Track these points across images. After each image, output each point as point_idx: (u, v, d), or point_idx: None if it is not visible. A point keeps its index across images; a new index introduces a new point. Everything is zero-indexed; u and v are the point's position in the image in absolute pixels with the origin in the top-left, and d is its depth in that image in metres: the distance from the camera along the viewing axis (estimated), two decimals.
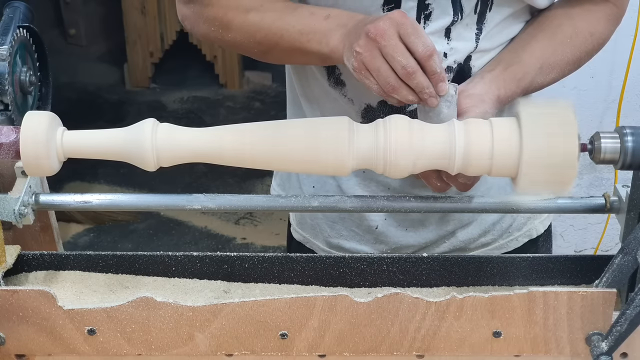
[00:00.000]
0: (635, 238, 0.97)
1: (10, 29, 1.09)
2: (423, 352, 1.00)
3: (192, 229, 3.41)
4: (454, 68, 1.21)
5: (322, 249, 1.42)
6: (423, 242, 1.35)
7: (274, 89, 4.49)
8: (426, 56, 1.05)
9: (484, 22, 1.20)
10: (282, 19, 1.18)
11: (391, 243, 1.35)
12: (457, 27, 1.19)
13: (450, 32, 1.19)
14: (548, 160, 0.93)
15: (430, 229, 1.34)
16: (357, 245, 1.38)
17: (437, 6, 1.17)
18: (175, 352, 0.99)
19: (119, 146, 0.96)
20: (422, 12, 1.18)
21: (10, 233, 1.09)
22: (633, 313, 0.93)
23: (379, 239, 1.36)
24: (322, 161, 0.96)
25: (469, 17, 1.20)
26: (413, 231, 1.34)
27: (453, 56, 1.21)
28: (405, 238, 1.35)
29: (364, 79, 1.08)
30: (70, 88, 4.34)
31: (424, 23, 1.18)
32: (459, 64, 1.21)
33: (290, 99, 1.40)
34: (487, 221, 1.35)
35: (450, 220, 1.34)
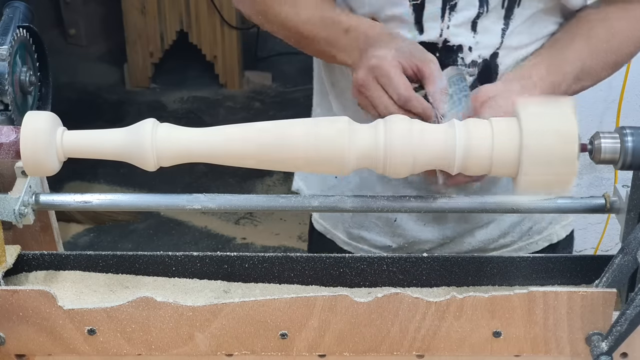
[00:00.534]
0: (635, 238, 0.97)
1: (10, 29, 1.09)
2: (423, 352, 1.00)
3: (192, 229, 3.41)
4: (479, 63, 1.22)
5: (343, 240, 1.44)
6: (441, 238, 1.36)
7: (274, 89, 4.49)
8: (403, 103, 1.10)
9: (511, 17, 1.20)
10: (311, 21, 1.22)
11: (409, 237, 1.36)
12: (483, 20, 1.20)
13: (476, 25, 1.20)
14: (548, 160, 0.93)
15: (449, 226, 1.35)
16: (377, 236, 1.39)
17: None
18: (175, 352, 0.99)
19: (119, 146, 0.96)
20: (448, 3, 1.19)
21: (10, 233, 1.09)
22: (633, 313, 0.93)
23: (397, 232, 1.37)
24: (322, 161, 0.96)
25: (495, 10, 1.20)
26: (431, 226, 1.35)
27: (478, 50, 1.21)
28: (423, 233, 1.36)
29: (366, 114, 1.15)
30: (70, 88, 4.34)
31: (449, 14, 1.19)
32: (484, 59, 1.22)
33: (317, 89, 1.42)
34: (507, 222, 1.36)
35: (469, 218, 1.34)
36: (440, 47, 1.22)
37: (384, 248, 1.40)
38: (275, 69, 4.62)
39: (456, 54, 1.22)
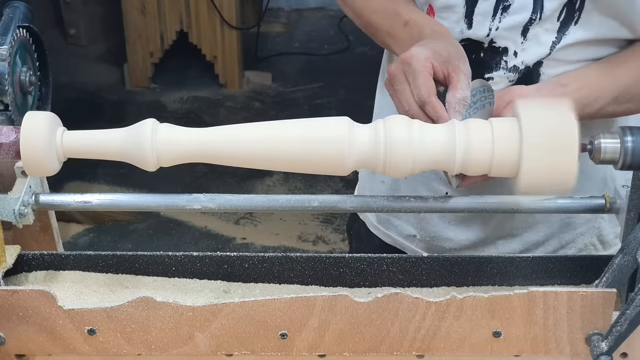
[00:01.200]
0: (635, 238, 0.97)
1: (10, 29, 1.09)
2: (423, 352, 1.00)
3: (192, 229, 3.41)
4: (521, 69, 1.21)
5: (372, 223, 1.49)
6: (463, 240, 1.37)
7: (274, 89, 4.49)
8: (420, 105, 1.09)
9: (565, 32, 1.19)
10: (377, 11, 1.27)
11: (432, 231, 1.38)
12: (535, 28, 1.19)
13: (527, 31, 1.19)
14: (548, 160, 0.93)
15: (473, 229, 1.35)
16: (405, 224, 1.42)
17: (517, 0, 1.18)
18: (175, 352, 0.99)
19: (119, 146, 0.96)
20: (502, 2, 1.19)
21: (10, 233, 1.09)
22: (633, 313, 0.93)
23: (421, 224, 1.39)
24: (322, 161, 0.96)
25: (549, 21, 1.18)
26: (454, 225, 1.36)
27: (522, 57, 1.21)
28: (445, 230, 1.37)
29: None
30: (70, 88, 4.34)
31: (501, 14, 1.19)
32: (527, 66, 1.21)
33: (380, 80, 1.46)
34: (531, 239, 1.35)
35: (493, 227, 1.35)
36: (486, 47, 1.22)
37: (409, 237, 1.43)
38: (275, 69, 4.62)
39: (501, 56, 1.22)
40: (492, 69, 1.23)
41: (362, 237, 1.53)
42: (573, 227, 1.36)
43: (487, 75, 1.23)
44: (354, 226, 1.57)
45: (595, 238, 1.38)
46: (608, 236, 1.39)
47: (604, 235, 1.38)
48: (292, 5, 5.40)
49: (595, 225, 1.37)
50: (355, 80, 4.50)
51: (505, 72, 1.22)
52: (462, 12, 1.22)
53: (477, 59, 1.22)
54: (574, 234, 1.36)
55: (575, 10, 1.17)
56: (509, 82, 1.23)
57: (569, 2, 1.17)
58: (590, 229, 1.37)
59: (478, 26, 1.22)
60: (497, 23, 1.20)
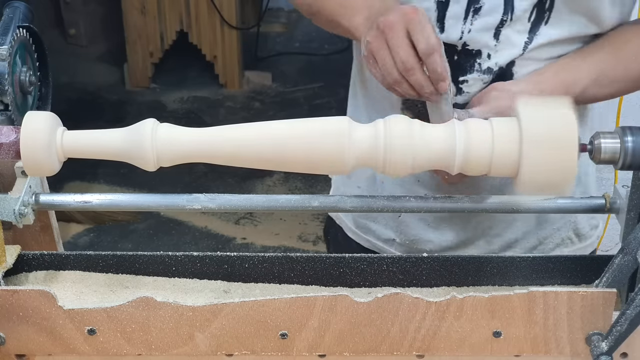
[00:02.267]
0: (635, 238, 0.97)
1: (10, 29, 1.09)
2: (423, 352, 1.00)
3: (192, 229, 3.41)
4: (495, 71, 1.21)
5: (350, 228, 1.46)
6: (443, 241, 1.36)
7: (274, 89, 4.49)
8: (426, 54, 1.06)
9: (536, 32, 1.19)
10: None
11: (411, 234, 1.37)
12: (507, 29, 1.19)
13: (499, 33, 1.19)
14: (548, 160, 0.93)
15: (453, 231, 1.35)
16: (383, 229, 1.40)
17: (488, 2, 1.18)
18: (175, 352, 0.99)
19: (119, 146, 0.96)
20: (473, 5, 1.19)
21: (10, 233, 1.09)
22: (633, 313, 0.93)
23: (401, 227, 1.38)
24: (322, 161, 0.96)
25: (520, 22, 1.19)
26: (434, 227, 1.35)
27: (496, 58, 1.21)
28: (425, 233, 1.36)
29: (371, 67, 1.11)
30: (70, 88, 4.34)
31: (472, 17, 1.19)
32: (500, 67, 1.21)
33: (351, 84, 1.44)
34: (510, 237, 1.35)
35: (473, 227, 1.35)
36: (459, 50, 1.22)
37: (388, 241, 1.41)
38: (275, 69, 4.62)
39: (474, 58, 1.22)
40: (467, 72, 1.23)
41: (340, 242, 1.50)
42: (550, 222, 1.36)
43: (462, 77, 1.23)
44: (331, 231, 1.55)
45: (571, 232, 1.38)
46: (584, 229, 1.40)
47: (579, 228, 1.39)
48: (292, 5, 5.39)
49: (571, 219, 1.38)
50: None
51: (479, 74, 1.23)
52: (434, 16, 1.21)
53: (451, 62, 1.20)
54: (551, 229, 1.37)
55: (545, 10, 1.18)
56: (483, 83, 1.23)
57: (539, 3, 1.18)
58: (567, 224, 1.37)
59: (450, 29, 1.21)
60: (469, 26, 1.21)
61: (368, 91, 1.36)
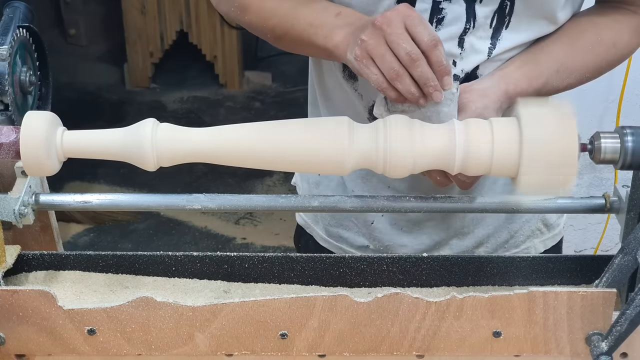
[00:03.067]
0: (635, 238, 0.97)
1: (10, 29, 1.09)
2: (423, 352, 1.00)
3: (192, 229, 3.41)
4: (461, 77, 1.21)
5: (321, 236, 1.44)
6: (417, 245, 1.35)
7: (274, 89, 4.49)
8: (431, 45, 1.04)
9: (498, 37, 1.19)
10: (297, 9, 1.19)
11: (385, 240, 1.36)
12: (470, 37, 1.19)
13: (463, 41, 1.19)
14: (548, 160, 0.93)
15: (425, 233, 1.34)
16: (355, 236, 1.39)
17: (450, 12, 1.17)
18: (175, 352, 0.99)
19: (119, 146, 0.96)
20: (436, 15, 1.18)
21: (10, 233, 1.09)
22: (633, 313, 0.93)
23: (374, 234, 1.36)
24: (322, 161, 0.96)
25: (482, 29, 1.19)
26: (407, 232, 1.34)
27: (461, 65, 1.20)
28: (399, 238, 1.35)
29: (364, 67, 1.07)
30: (70, 88, 4.34)
31: (436, 28, 1.18)
32: (466, 73, 1.21)
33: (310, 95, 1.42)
34: (481, 233, 1.35)
35: (446, 228, 1.34)
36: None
37: (361, 248, 1.40)
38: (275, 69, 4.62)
39: None
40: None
41: (312, 251, 1.48)
42: (519, 215, 1.36)
43: None
44: (302, 240, 1.53)
45: (540, 223, 1.38)
46: (551, 218, 1.40)
47: (547, 218, 1.39)
48: None
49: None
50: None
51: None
52: None
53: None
54: (520, 222, 1.36)
55: (505, 15, 1.18)
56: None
57: (499, 8, 1.18)
58: (535, 215, 1.37)
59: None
60: None
61: (332, 102, 1.33)
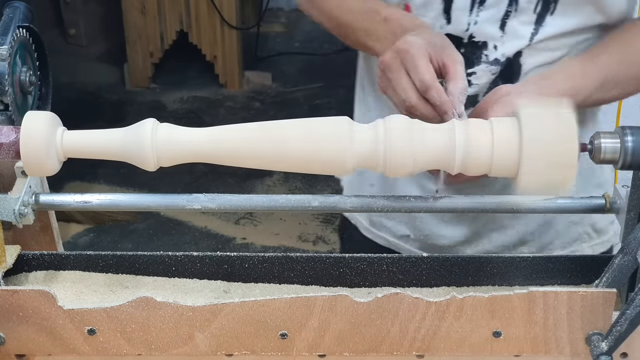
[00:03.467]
0: (635, 238, 0.97)
1: (10, 29, 1.09)
2: (423, 352, 1.00)
3: (192, 229, 3.42)
4: (502, 62, 1.22)
5: (365, 227, 1.47)
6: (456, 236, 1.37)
7: (274, 89, 4.49)
8: (423, 90, 1.08)
9: (542, 23, 1.20)
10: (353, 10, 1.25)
11: (425, 230, 1.38)
12: (512, 20, 1.19)
13: (505, 25, 1.19)
14: (548, 160, 0.93)
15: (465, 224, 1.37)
16: (397, 225, 1.41)
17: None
18: (175, 352, 0.99)
19: (119, 146, 0.96)
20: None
21: (10, 233, 1.09)
22: (633, 313, 0.93)
23: (415, 223, 1.39)
24: (322, 161, 0.96)
25: (525, 13, 1.19)
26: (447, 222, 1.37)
27: (502, 49, 1.21)
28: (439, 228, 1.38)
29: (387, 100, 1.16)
30: (70, 88, 4.35)
31: (478, 8, 1.20)
32: (507, 57, 1.22)
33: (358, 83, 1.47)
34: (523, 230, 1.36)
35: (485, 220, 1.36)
36: (466, 42, 1.24)
37: (402, 237, 1.42)
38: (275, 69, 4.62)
39: (481, 50, 1.23)
40: (474, 64, 1.24)
41: (356, 242, 1.51)
42: (565, 216, 1.36)
43: (470, 70, 1.24)
44: (347, 232, 1.56)
45: (589, 227, 1.38)
46: (601, 222, 1.39)
47: (596, 222, 1.39)
48: (292, 5, 5.40)
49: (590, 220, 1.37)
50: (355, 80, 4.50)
51: (487, 66, 1.24)
52: (440, 9, 1.23)
53: None
54: (565, 223, 1.37)
55: (551, 1, 1.18)
56: (491, 74, 1.24)
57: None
58: (584, 218, 1.37)
59: (457, 22, 1.23)
60: (474, 17, 1.22)
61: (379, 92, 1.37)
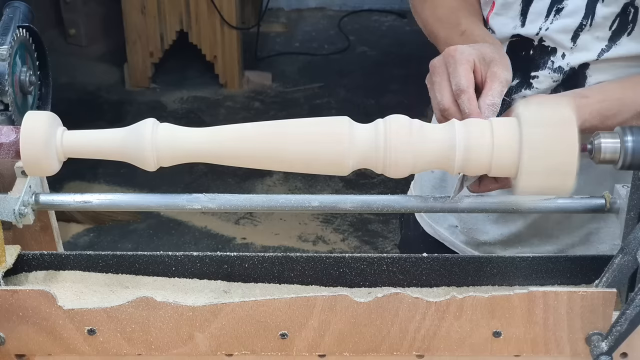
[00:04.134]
0: (635, 238, 0.97)
1: (10, 29, 1.09)
2: (423, 352, 1.00)
3: (192, 229, 3.41)
4: (566, 71, 1.23)
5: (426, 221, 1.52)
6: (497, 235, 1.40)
7: (274, 89, 4.49)
8: (457, 94, 1.08)
9: (616, 42, 1.20)
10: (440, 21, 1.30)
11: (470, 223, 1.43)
12: (586, 34, 1.20)
13: (577, 37, 1.21)
14: (548, 160, 0.93)
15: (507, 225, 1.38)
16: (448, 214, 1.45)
17: (571, 3, 1.20)
18: (175, 352, 1.00)
19: (119, 146, 0.96)
20: (556, 4, 1.22)
21: (10, 233, 1.09)
22: (633, 313, 0.93)
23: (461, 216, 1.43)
24: (322, 161, 0.96)
25: (600, 29, 1.20)
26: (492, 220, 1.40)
27: (569, 59, 1.22)
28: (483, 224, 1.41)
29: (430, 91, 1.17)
30: (70, 88, 4.34)
31: (554, 16, 1.21)
32: (572, 68, 1.22)
33: None
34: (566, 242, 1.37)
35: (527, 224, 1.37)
36: (535, 45, 1.25)
37: (450, 228, 1.47)
38: (275, 69, 4.62)
39: (549, 55, 1.25)
40: (539, 68, 1.26)
41: (410, 225, 1.57)
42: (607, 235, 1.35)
43: (533, 73, 1.26)
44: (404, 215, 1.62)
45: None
46: None
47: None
48: (292, 5, 5.40)
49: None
50: (355, 80, 4.50)
51: (550, 72, 1.25)
52: (518, 10, 1.26)
53: (526, 56, 1.26)
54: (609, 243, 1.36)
55: (629, 22, 1.19)
56: (552, 82, 1.26)
57: (622, 13, 1.19)
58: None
59: (530, 24, 1.25)
60: (548, 24, 1.23)
61: None
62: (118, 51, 4.50)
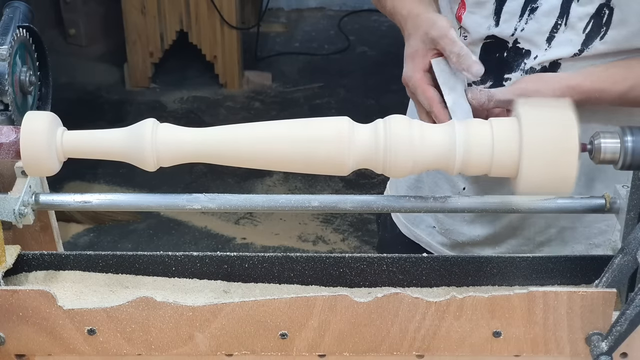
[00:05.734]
0: (635, 238, 0.97)
1: (10, 29, 1.09)
2: (423, 352, 1.00)
3: (192, 229, 3.41)
4: (538, 70, 1.23)
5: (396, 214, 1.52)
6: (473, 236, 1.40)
7: (274, 89, 4.49)
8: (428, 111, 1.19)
9: (589, 45, 1.20)
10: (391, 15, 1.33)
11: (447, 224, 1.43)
12: (560, 36, 1.20)
13: (552, 39, 1.20)
14: (548, 160, 0.93)
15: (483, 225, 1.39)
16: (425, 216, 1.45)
17: (545, 2, 1.20)
18: (175, 352, 1.00)
19: (119, 146, 0.96)
20: (530, 4, 1.21)
21: (10, 233, 1.09)
22: (633, 313, 0.93)
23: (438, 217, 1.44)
24: (322, 161, 0.96)
25: (574, 32, 1.20)
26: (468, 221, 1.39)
27: (541, 59, 1.22)
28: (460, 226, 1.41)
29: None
30: (70, 88, 4.34)
31: (528, 16, 1.21)
32: (544, 67, 1.23)
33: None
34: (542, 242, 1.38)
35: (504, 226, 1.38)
36: (510, 47, 1.24)
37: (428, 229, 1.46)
38: (275, 69, 4.62)
39: (523, 58, 1.24)
40: (512, 70, 1.25)
41: (387, 227, 1.57)
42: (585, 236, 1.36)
43: (507, 75, 1.25)
44: (382, 216, 1.62)
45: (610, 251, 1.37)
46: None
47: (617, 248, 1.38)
48: (292, 5, 5.40)
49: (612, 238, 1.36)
50: (355, 80, 4.50)
51: (522, 74, 1.24)
52: (492, 9, 1.24)
53: (500, 58, 1.25)
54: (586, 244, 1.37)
55: (603, 24, 1.18)
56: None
57: (596, 14, 1.18)
58: (606, 242, 1.36)
59: (504, 24, 1.24)
60: (523, 24, 1.22)
61: None
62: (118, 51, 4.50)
